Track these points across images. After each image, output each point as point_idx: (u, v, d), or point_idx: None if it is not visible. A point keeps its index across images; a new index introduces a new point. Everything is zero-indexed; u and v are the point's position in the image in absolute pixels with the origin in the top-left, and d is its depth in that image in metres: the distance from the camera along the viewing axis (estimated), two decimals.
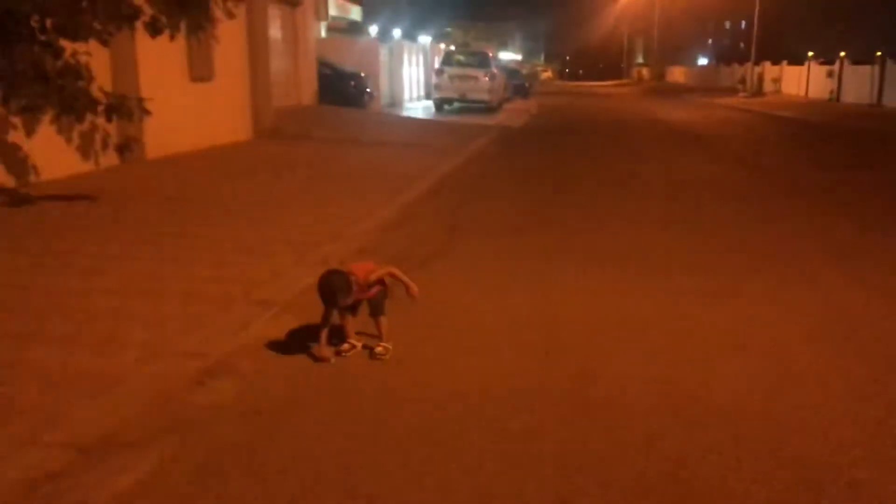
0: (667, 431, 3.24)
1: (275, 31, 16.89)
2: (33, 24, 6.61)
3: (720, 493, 2.79)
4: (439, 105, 25.61)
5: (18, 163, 8.32)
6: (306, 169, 10.79)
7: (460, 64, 26.11)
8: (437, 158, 12.31)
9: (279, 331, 4.32)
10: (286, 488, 2.74)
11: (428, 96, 30.16)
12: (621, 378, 3.82)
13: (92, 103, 6.80)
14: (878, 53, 29.51)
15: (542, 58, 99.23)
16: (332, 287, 3.87)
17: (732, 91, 43.09)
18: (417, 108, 27.36)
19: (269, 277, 5.31)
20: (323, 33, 24.88)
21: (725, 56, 71.67)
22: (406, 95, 28.96)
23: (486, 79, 25.05)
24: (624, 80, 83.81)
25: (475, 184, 10.50)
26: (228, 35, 12.74)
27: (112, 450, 2.93)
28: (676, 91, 50.80)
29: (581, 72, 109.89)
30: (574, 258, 6.33)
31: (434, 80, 26.32)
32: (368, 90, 22.31)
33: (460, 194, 9.47)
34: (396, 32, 28.66)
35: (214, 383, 3.61)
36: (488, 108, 25.02)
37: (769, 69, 42.58)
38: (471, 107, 24.99)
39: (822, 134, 20.40)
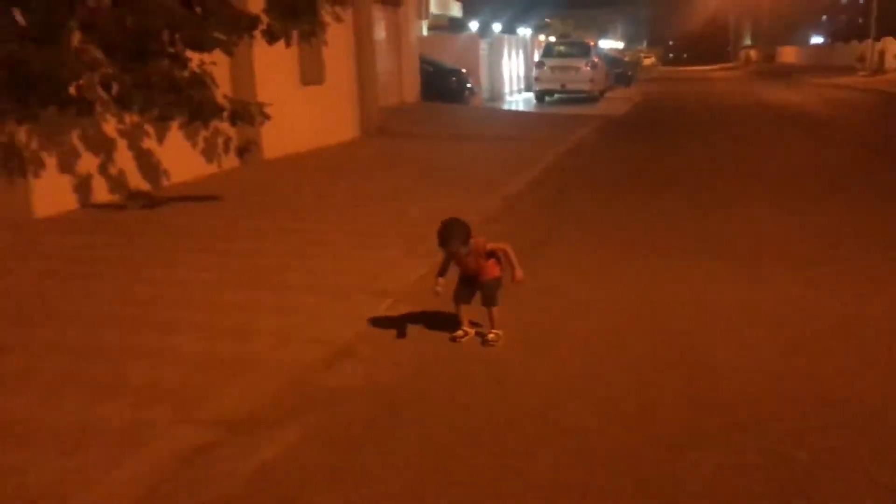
0: (780, 415, 3.27)
1: (379, 32, 17.36)
2: (163, 38, 7.15)
3: (840, 474, 2.82)
4: (540, 97, 25.58)
5: (152, 168, 8.99)
6: (412, 165, 11.11)
7: (561, 55, 25.99)
8: (539, 150, 12.39)
9: (396, 319, 4.57)
10: (414, 462, 2.96)
11: (528, 89, 30.13)
12: (731, 365, 3.86)
13: (218, 110, 7.30)
14: None
15: (645, 44, 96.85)
16: (451, 229, 4.07)
17: (850, 70, 40.81)
18: (518, 101, 27.39)
19: (383, 269, 5.59)
20: (424, 31, 25.29)
21: (842, 33, 67.82)
22: (506, 89, 29.04)
23: (588, 68, 24.83)
24: (730, 64, 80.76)
25: (578, 174, 10.53)
26: (336, 39, 13.21)
27: (255, 426, 3.24)
28: (787, 72, 48.55)
29: (685, 56, 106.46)
30: (680, 247, 6.32)
31: (534, 72, 26.30)
32: (469, 85, 22.55)
33: (563, 185, 9.54)
34: (496, 27, 28.76)
35: (341, 367, 3.90)
36: (590, 98, 24.79)
37: (892, 44, 40.07)
38: (572, 97, 24.83)
39: None
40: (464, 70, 22.68)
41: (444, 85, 21.47)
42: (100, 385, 3.57)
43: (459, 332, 4.28)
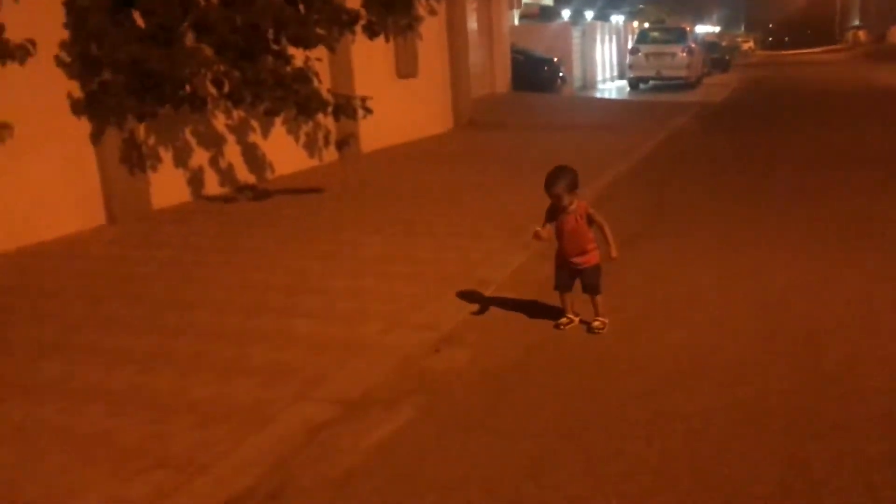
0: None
1: (471, 23, 17.44)
2: (269, 36, 7.44)
3: None
4: (634, 84, 25.14)
5: (257, 161, 9.38)
6: (506, 156, 11.16)
7: (656, 41, 25.46)
8: (634, 140, 12.22)
9: (498, 306, 4.66)
10: (525, 444, 3.05)
11: (621, 76, 29.63)
12: (849, 353, 3.78)
13: (323, 104, 7.55)
14: None
15: (742, 28, 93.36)
16: (559, 172, 4.13)
17: None
18: (611, 89, 26.99)
19: (483, 258, 5.69)
20: (516, 21, 25.23)
21: None
22: (599, 77, 28.65)
23: (684, 54, 24.24)
24: (836, 46, 76.85)
25: (676, 164, 10.34)
26: (430, 32, 13.39)
27: (371, 405, 3.40)
28: None
29: (786, 40, 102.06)
30: (788, 234, 6.17)
31: (628, 59, 25.85)
32: (561, 74, 22.39)
33: (661, 174, 9.40)
34: (588, 14, 28.39)
35: (449, 351, 4.02)
36: (686, 85, 24.19)
37: None
38: (667, 84, 24.27)
39: None
40: (556, 59, 22.52)
41: (535, 74, 21.38)
42: (227, 365, 3.81)
43: (564, 320, 4.33)
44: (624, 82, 27.06)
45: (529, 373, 3.76)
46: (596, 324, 4.25)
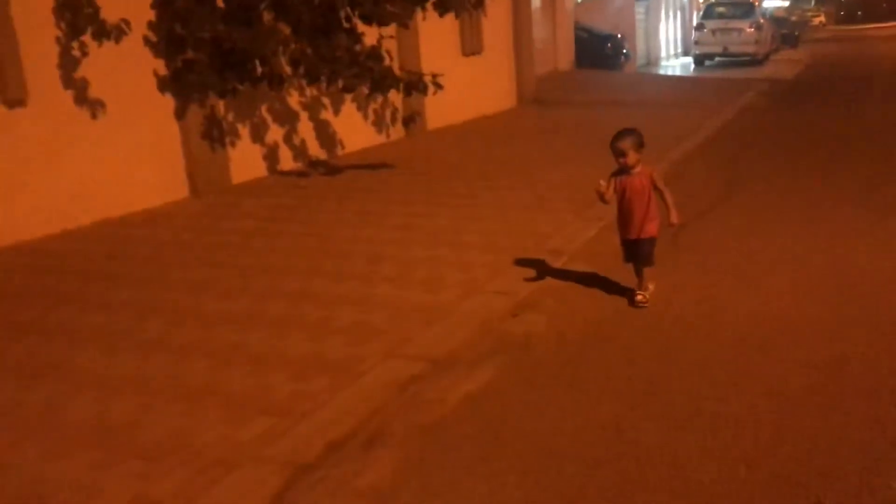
0: None
1: (535, 0, 17.38)
2: (343, 14, 7.64)
3: None
4: (699, 61, 24.66)
5: (329, 138, 9.63)
6: (571, 132, 11.18)
7: (722, 16, 24.84)
8: (702, 116, 12.08)
9: (571, 275, 4.79)
10: (607, 401, 3.19)
11: (686, 53, 29.08)
12: None
13: (396, 81, 7.73)
14: None
15: (813, 2, 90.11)
16: (626, 131, 4.18)
17: None
18: (676, 66, 26.53)
19: (554, 230, 5.81)
20: None
21: None
22: (663, 53, 28.19)
23: (752, 29, 23.65)
24: None
25: (745, 141, 10.22)
26: (494, 8, 13.39)
27: (455, 363, 3.58)
28: None
29: (860, 14, 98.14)
30: (860, 209, 6.12)
31: (694, 35, 25.35)
32: (625, 51, 22.12)
33: (730, 151, 9.32)
34: None
35: (526, 316, 4.19)
36: (754, 61, 23.62)
37: None
38: (734, 61, 23.75)
39: None
40: (619, 35, 22.24)
41: (598, 51, 21.16)
42: (317, 325, 4.04)
43: (639, 297, 4.27)
44: (689, 59, 26.55)
45: (606, 337, 3.89)
46: (639, 297, 4.23)
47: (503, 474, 2.70)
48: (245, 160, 8.27)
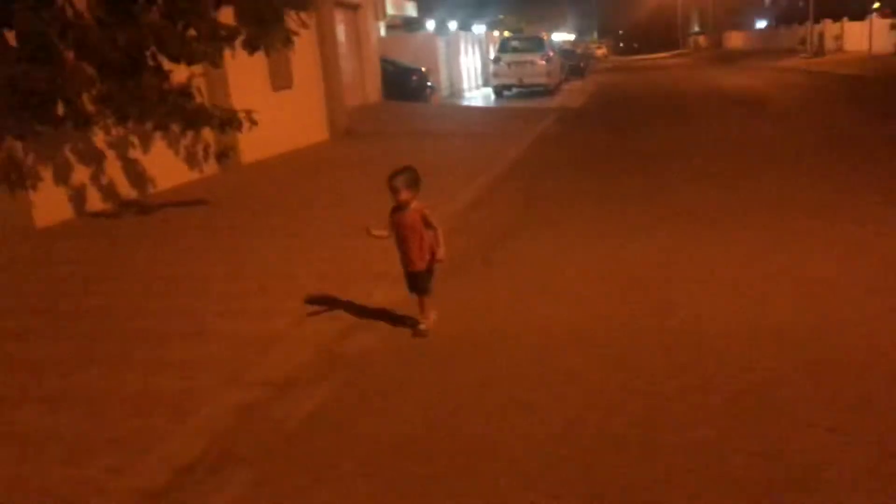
0: (737, 349, 3.93)
1: (340, 35, 17.83)
2: (148, 53, 7.58)
3: (777, 387, 3.47)
4: (498, 92, 26.26)
5: (139, 176, 9.41)
6: (383, 163, 11.45)
7: (516, 50, 26.68)
8: (503, 144, 13.00)
9: (395, 296, 5.13)
10: (434, 406, 3.55)
11: (486, 84, 30.80)
12: (693, 312, 4.53)
13: (209, 118, 7.76)
14: None
15: (596, 35, 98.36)
16: (402, 169, 4.42)
17: (792, 53, 42.30)
18: (477, 96, 28.04)
19: (376, 256, 6.12)
20: (383, 32, 25.78)
21: (785, 16, 69.68)
22: (465, 85, 29.69)
23: (543, 62, 25.57)
24: (680, 51, 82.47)
25: (543, 165, 11.17)
26: (302, 44, 13.59)
27: (295, 385, 3.80)
28: (734, 57, 50.03)
29: (636, 45, 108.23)
30: (639, 219, 7.01)
31: (491, 67, 26.97)
32: (429, 83, 23.14)
33: (531, 175, 10.17)
34: (452, 25, 29.37)
35: (357, 336, 4.47)
36: (547, 92, 25.53)
37: (829, 27, 41.62)
38: (529, 91, 25.54)
39: (877, 90, 20.13)
40: (423, 68, 23.25)
41: (405, 84, 22.02)
42: (151, 362, 4.09)
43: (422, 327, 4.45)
44: (489, 90, 28.17)
45: (431, 348, 4.26)
46: (420, 326, 4.44)
47: (350, 478, 2.96)
48: (50, 203, 7.92)
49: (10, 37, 6.90)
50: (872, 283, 4.87)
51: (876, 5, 38.93)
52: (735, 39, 71.67)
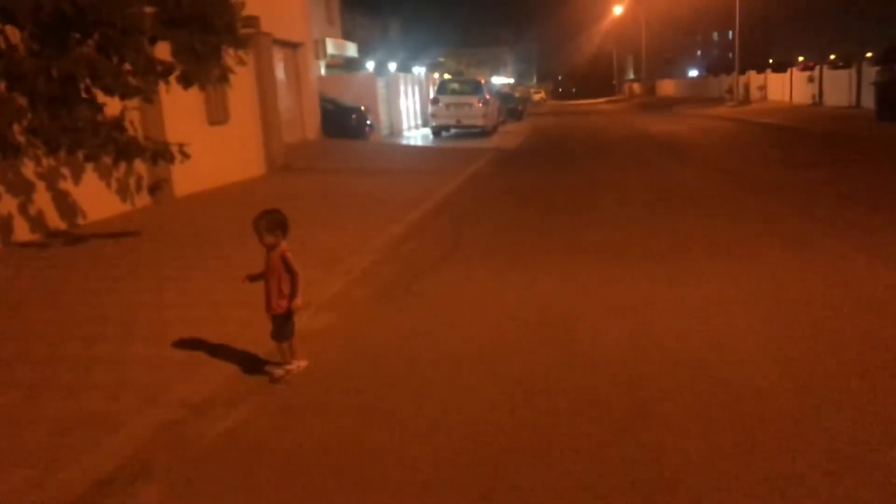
0: (627, 370, 4.25)
1: (279, 73, 18.08)
2: (82, 86, 7.69)
3: (661, 404, 3.79)
4: (437, 132, 26.80)
5: (69, 207, 9.40)
6: (320, 197, 11.85)
7: (454, 92, 27.32)
8: (437, 182, 13.37)
9: (318, 324, 5.35)
10: (343, 422, 3.75)
11: (425, 124, 31.36)
12: (594, 338, 4.86)
13: (141, 150, 7.88)
14: (857, 60, 30.54)
15: (535, 79, 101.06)
16: (266, 213, 4.41)
17: (720, 101, 44.28)
18: (416, 136, 28.53)
19: (305, 285, 6.32)
20: (322, 71, 26.15)
21: (715, 66, 73.02)
22: (404, 125, 30.18)
23: (480, 105, 26.25)
24: (616, 97, 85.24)
25: (474, 202, 11.55)
26: (239, 80, 13.77)
27: (213, 406, 3.96)
28: (666, 104, 52.03)
29: (574, 90, 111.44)
30: (560, 256, 7.37)
31: (430, 108, 27.54)
32: (369, 122, 23.51)
33: (461, 211, 10.51)
34: (392, 66, 29.92)
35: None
36: (484, 133, 26.19)
37: (754, 77, 43.80)
38: (467, 132, 26.15)
39: (792, 137, 21.23)
40: (363, 107, 23.63)
41: (344, 122, 22.34)
42: (72, 385, 4.19)
43: (279, 371, 4.42)
44: (428, 130, 28.70)
45: (346, 373, 4.47)
46: (278, 372, 4.40)
47: (262, 488, 3.14)
48: None
49: None
50: (747, 303, 5.32)
51: (800, 58, 41.11)
52: (667, 87, 74.54)
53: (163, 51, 8.66)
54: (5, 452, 3.42)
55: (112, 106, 7.99)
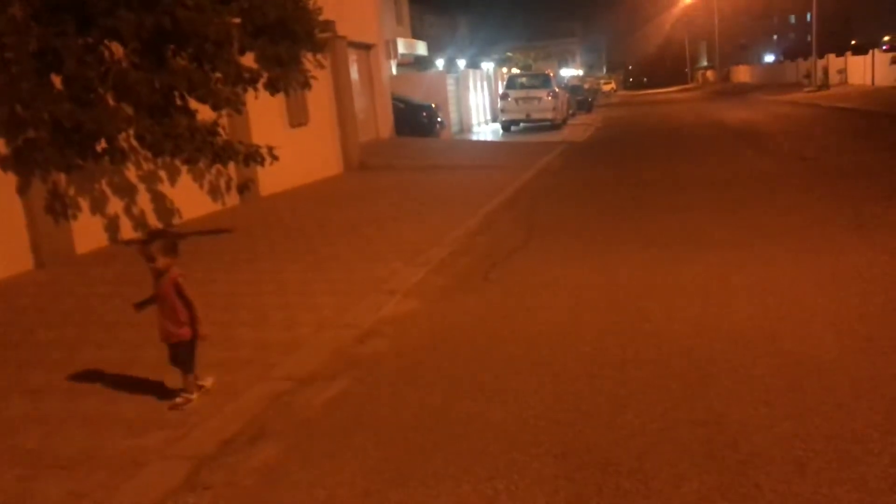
0: (696, 345, 4.52)
1: (353, 74, 18.69)
2: (177, 95, 8.33)
3: (728, 376, 4.05)
4: (506, 127, 27.10)
5: (166, 208, 10.13)
6: (397, 194, 12.34)
7: (523, 86, 27.58)
8: (509, 176, 13.69)
9: (404, 308, 5.77)
10: (434, 394, 4.15)
11: (495, 120, 31.68)
12: (665, 317, 5.12)
13: (235, 153, 8.49)
14: None
15: (604, 70, 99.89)
16: (156, 233, 4.26)
17: (798, 86, 43.10)
18: (486, 131, 28.90)
19: (389, 275, 6.78)
20: (394, 70, 26.74)
21: (792, 51, 70.87)
22: (474, 121, 30.57)
23: (549, 98, 26.43)
24: (688, 85, 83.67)
25: (545, 195, 11.82)
26: (317, 83, 14.40)
27: (316, 380, 4.41)
28: (741, 91, 50.89)
29: (645, 80, 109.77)
30: (632, 245, 7.61)
31: (499, 103, 27.84)
32: (439, 119, 23.98)
33: (533, 204, 10.82)
34: (461, 62, 30.32)
35: (370, 342, 5.09)
36: (553, 126, 26.34)
37: (834, 61, 42.44)
38: (536, 126, 26.34)
39: (871, 122, 20.63)
40: (433, 105, 24.11)
41: (415, 120, 22.86)
42: (207, 361, 4.71)
43: (179, 399, 4.09)
44: (497, 125, 29.02)
45: (437, 350, 4.87)
46: (179, 399, 4.08)
47: (365, 447, 3.56)
48: (87, 231, 8.62)
49: (56, 80, 7.66)
50: (819, 285, 5.46)
51: (885, 38, 39.64)
52: (742, 73, 72.74)
53: (246, 59, 9.26)
54: (146, 419, 3.93)
55: (203, 112, 8.62)
